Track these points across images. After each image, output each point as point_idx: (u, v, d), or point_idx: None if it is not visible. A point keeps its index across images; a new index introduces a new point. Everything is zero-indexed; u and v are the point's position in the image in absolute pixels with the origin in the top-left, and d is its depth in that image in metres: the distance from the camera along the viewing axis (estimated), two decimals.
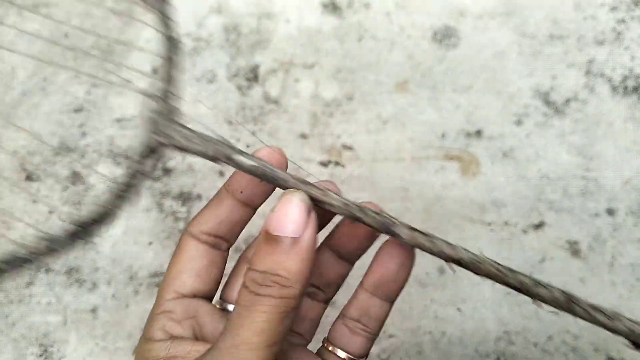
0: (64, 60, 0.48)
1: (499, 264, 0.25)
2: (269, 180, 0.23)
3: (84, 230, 0.23)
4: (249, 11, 0.50)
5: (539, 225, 0.47)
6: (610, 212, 0.48)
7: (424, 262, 0.45)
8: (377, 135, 0.49)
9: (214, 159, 0.23)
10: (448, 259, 0.24)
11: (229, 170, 0.24)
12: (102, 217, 0.23)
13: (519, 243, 0.47)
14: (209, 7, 0.49)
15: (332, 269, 0.27)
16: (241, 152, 0.23)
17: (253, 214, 0.27)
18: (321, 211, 0.23)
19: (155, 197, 0.47)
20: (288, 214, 0.21)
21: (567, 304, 0.25)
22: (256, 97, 0.50)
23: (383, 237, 0.26)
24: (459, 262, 0.25)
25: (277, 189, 0.25)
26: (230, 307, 0.26)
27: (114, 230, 0.47)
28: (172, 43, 0.23)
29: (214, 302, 0.27)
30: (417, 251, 0.25)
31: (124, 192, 0.23)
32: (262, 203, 0.26)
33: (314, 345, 0.29)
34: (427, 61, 0.52)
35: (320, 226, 0.27)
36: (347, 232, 0.27)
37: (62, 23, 0.25)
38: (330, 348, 0.27)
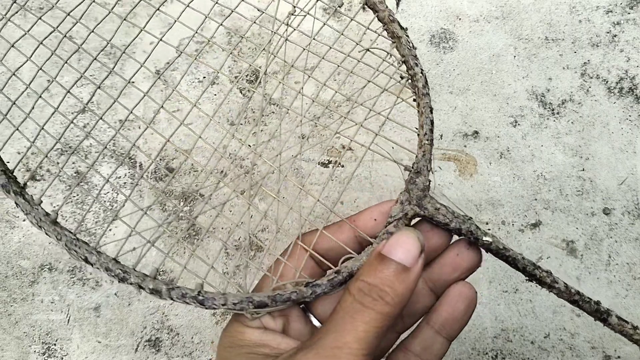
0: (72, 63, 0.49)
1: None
2: (501, 257, 0.27)
3: (341, 282, 0.25)
4: (250, 15, 0.51)
5: (535, 225, 0.48)
6: (606, 211, 0.48)
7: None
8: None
9: (458, 232, 0.26)
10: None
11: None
12: (357, 270, 0.25)
13: (516, 242, 0.47)
14: (212, 11, 0.50)
15: (421, 299, 0.28)
16: (483, 232, 0.26)
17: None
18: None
19: (158, 196, 0.48)
20: (406, 245, 0.23)
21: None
22: (257, 99, 0.51)
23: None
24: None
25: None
26: (310, 316, 0.28)
27: (117, 229, 0.48)
28: (430, 127, 0.26)
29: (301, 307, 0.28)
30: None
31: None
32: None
33: None
34: (425, 64, 0.53)
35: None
36: (451, 263, 0.28)
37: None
38: None
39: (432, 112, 0.27)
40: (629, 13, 0.54)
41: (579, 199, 0.48)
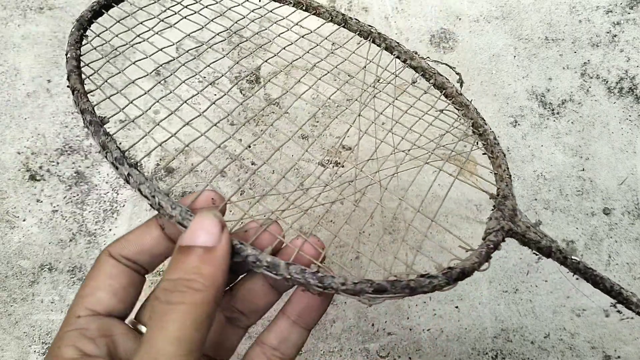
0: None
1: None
2: (588, 278, 0.28)
3: (455, 279, 0.25)
4: (250, 15, 0.51)
5: (535, 225, 0.48)
6: (606, 211, 0.48)
7: (422, 260, 0.46)
8: (376, 136, 0.50)
9: (547, 252, 0.28)
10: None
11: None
12: (469, 272, 0.25)
13: (516, 242, 0.47)
14: (212, 11, 0.50)
15: (263, 297, 0.27)
16: (570, 252, 0.28)
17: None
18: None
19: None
20: (203, 227, 0.22)
21: None
22: (257, 99, 0.51)
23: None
24: None
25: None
26: (144, 329, 0.25)
27: (117, 229, 0.48)
28: (506, 165, 0.31)
29: (127, 321, 0.26)
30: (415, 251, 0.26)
31: (489, 252, 0.26)
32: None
33: None
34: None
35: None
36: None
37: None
38: None
39: (505, 156, 0.31)
40: (629, 13, 0.54)
41: (579, 199, 0.48)
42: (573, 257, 0.28)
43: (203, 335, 0.21)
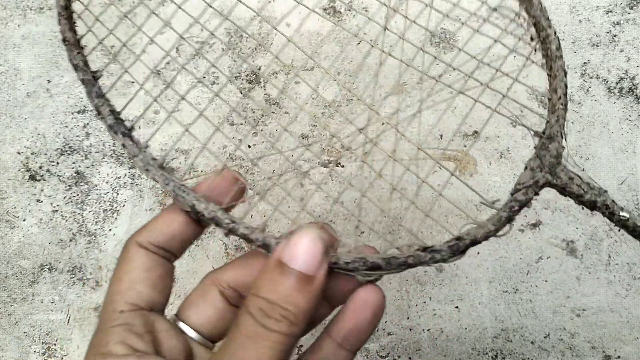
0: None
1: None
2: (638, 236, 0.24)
3: (463, 250, 0.23)
4: (250, 15, 0.51)
5: (535, 225, 0.48)
6: None
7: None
8: (375, 136, 0.50)
9: (592, 206, 0.24)
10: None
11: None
12: (481, 239, 0.23)
13: (516, 242, 0.47)
14: (211, 10, 0.50)
15: (319, 309, 0.24)
16: (620, 207, 0.24)
17: (202, 232, 0.26)
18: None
19: (158, 196, 0.48)
20: (307, 250, 0.20)
21: None
22: (257, 99, 0.51)
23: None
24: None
25: None
26: (184, 327, 0.24)
27: (117, 230, 0.48)
28: (564, 91, 0.24)
29: (169, 318, 0.25)
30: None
31: (511, 215, 0.23)
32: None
33: None
34: (425, 64, 0.53)
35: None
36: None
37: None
38: None
39: (566, 76, 0.25)
40: (629, 13, 0.54)
41: None
42: (622, 214, 0.24)
43: None
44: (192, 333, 0.24)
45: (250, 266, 0.25)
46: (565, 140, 0.24)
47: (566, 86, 0.24)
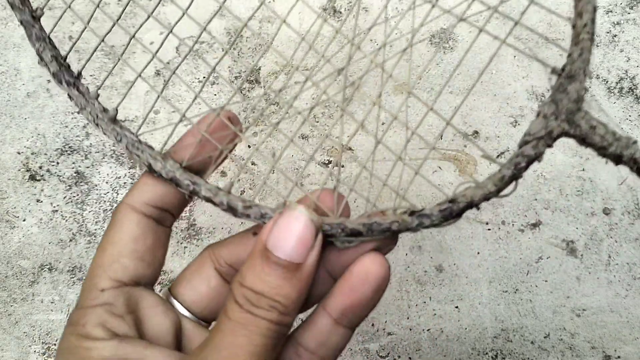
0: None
1: None
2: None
3: (457, 213, 0.20)
4: (249, 15, 0.51)
5: (535, 225, 0.48)
6: (606, 211, 0.48)
7: (422, 260, 0.46)
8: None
9: (618, 159, 0.20)
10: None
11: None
12: (478, 201, 0.20)
13: (516, 242, 0.47)
14: (211, 10, 0.50)
15: (318, 287, 0.22)
16: None
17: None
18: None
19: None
20: (294, 234, 0.19)
21: None
22: (257, 99, 0.51)
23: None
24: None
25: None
26: (177, 305, 0.23)
27: None
28: (591, 16, 0.20)
29: (161, 294, 0.23)
30: (415, 250, 0.25)
31: (517, 173, 0.20)
32: (211, 173, 0.23)
33: None
34: (425, 64, 0.53)
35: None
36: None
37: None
38: None
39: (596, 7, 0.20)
40: (629, 13, 0.54)
41: (579, 199, 0.48)
42: None
43: (277, 355, 0.20)
44: (183, 310, 0.22)
45: (250, 242, 0.23)
46: (590, 79, 0.20)
47: (595, 10, 0.20)
